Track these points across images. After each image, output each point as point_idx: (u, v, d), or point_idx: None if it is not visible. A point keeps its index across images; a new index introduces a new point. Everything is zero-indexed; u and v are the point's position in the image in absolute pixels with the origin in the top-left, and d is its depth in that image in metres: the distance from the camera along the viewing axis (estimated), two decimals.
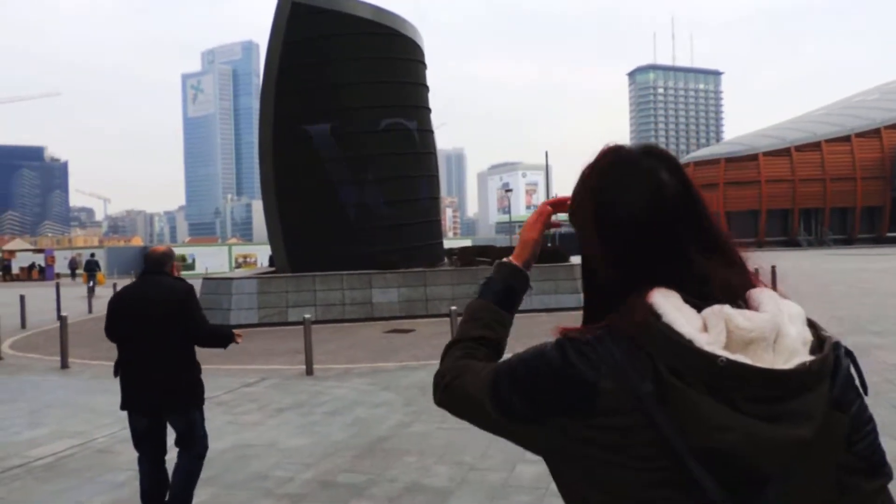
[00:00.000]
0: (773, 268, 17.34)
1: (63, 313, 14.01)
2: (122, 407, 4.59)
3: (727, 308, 1.01)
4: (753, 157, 65.26)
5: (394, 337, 13.79)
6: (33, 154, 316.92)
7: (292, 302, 16.56)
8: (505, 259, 1.44)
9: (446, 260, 20.23)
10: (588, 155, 1.20)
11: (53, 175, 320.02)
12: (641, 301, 1.04)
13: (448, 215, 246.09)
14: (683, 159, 77.92)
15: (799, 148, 64.50)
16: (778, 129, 71.18)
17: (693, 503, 0.97)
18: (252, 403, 8.44)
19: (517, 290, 1.41)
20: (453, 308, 10.61)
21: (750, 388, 0.96)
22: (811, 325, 1.07)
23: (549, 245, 20.47)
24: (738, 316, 1.00)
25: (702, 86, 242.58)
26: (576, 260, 17.44)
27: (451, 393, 1.26)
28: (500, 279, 1.41)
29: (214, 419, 7.47)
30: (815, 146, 64.43)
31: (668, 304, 1.03)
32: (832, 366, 1.02)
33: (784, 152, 64.74)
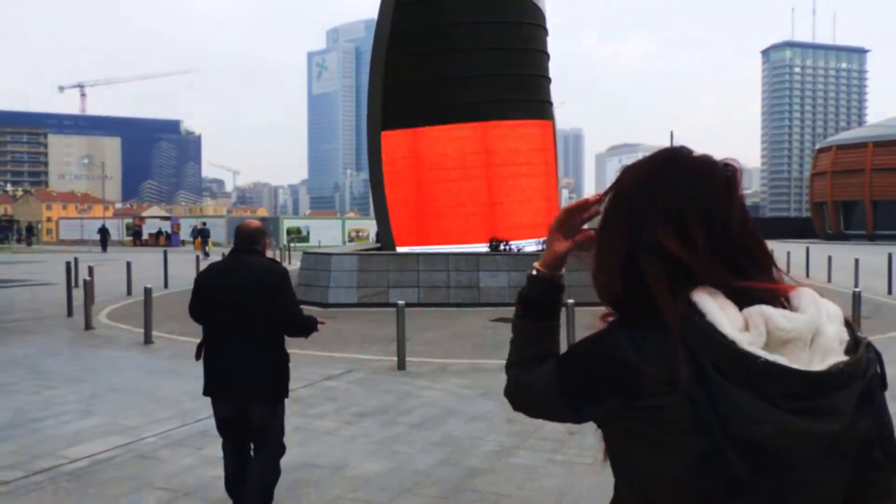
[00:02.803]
0: None
1: (158, 283, 13.46)
2: (205, 392, 4.24)
3: (767, 308, 1.06)
4: None
5: (500, 327, 12.34)
6: (170, 127, 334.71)
7: (394, 282, 15.39)
8: (534, 269, 1.39)
9: None
10: (718, 137, 0.74)
11: (188, 147, 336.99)
12: (685, 298, 1.08)
13: (564, 196, 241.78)
14: (824, 143, 72.06)
15: None
16: None
17: (724, 479, 1.04)
18: (331, 403, 7.25)
19: (553, 301, 1.38)
20: (570, 301, 8.92)
21: (786, 386, 1.01)
22: (847, 324, 1.10)
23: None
24: (779, 316, 1.05)
25: (844, 64, 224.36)
26: None
27: (519, 400, 1.36)
28: (534, 295, 1.38)
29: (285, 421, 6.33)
30: None
31: (712, 303, 1.06)
32: (864, 366, 1.07)
33: None
